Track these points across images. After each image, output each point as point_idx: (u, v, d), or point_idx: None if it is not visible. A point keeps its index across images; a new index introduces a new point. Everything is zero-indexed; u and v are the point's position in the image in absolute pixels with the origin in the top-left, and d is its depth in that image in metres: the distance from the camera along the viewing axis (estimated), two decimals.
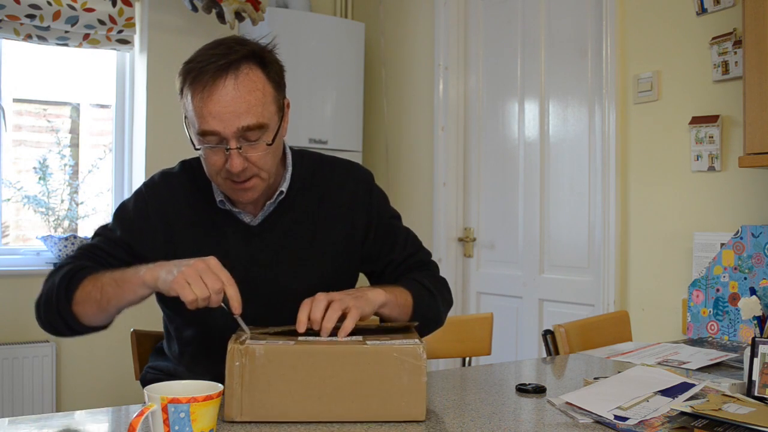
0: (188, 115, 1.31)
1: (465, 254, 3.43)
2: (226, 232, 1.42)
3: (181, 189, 1.45)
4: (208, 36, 3.59)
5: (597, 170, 2.75)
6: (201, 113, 1.27)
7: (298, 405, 1.11)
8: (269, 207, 1.43)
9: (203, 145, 1.30)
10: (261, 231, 1.43)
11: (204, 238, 1.41)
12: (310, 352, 1.12)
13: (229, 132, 1.27)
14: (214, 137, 1.28)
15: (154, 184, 1.47)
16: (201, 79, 1.27)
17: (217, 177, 1.34)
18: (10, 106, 3.42)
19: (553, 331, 1.89)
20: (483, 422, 1.14)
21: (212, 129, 1.27)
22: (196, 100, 1.27)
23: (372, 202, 1.52)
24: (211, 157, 1.31)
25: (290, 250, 1.43)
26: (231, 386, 1.10)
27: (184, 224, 1.42)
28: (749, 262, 2.05)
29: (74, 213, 3.53)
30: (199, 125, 1.27)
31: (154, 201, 1.43)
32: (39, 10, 3.18)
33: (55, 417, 1.24)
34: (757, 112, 1.91)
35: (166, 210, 1.42)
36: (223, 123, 1.26)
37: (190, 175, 1.46)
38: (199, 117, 1.27)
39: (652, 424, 1.10)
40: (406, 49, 3.71)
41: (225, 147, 1.28)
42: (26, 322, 3.23)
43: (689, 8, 2.39)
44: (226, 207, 1.41)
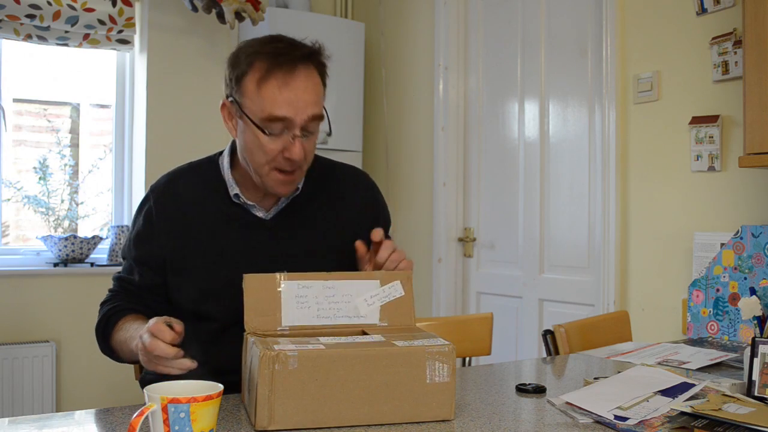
0: (250, 100, 1.34)
1: (465, 254, 3.43)
2: (240, 225, 1.46)
3: (189, 186, 1.49)
4: (208, 36, 3.64)
5: (597, 170, 2.75)
6: (274, 99, 1.32)
7: (331, 410, 1.09)
8: (283, 202, 1.48)
9: (266, 132, 1.34)
10: (273, 225, 1.47)
11: (217, 232, 1.45)
12: (344, 356, 1.09)
13: (299, 119, 1.33)
14: (279, 124, 1.33)
15: (158, 188, 1.52)
16: (279, 66, 1.33)
17: (266, 166, 1.37)
18: (10, 106, 3.42)
19: (553, 331, 1.89)
20: (483, 422, 1.14)
21: (284, 115, 1.32)
22: (269, 86, 1.32)
23: (378, 209, 1.61)
24: (268, 145, 1.35)
25: (301, 246, 1.48)
26: (263, 394, 1.06)
27: (194, 220, 1.46)
28: (749, 262, 2.05)
29: (74, 213, 3.53)
30: (270, 110, 1.32)
31: (158, 204, 1.48)
32: (39, 10, 3.18)
33: (55, 417, 1.24)
34: (757, 112, 1.91)
35: (173, 210, 1.47)
36: (295, 110, 1.33)
37: (198, 172, 1.52)
38: (272, 103, 1.32)
39: (652, 424, 1.10)
40: (406, 49, 3.71)
41: (291, 135, 1.34)
42: (26, 322, 3.23)
43: (689, 8, 2.39)
44: (241, 201, 1.46)
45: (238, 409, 1.20)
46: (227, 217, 1.46)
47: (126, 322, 1.43)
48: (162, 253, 1.46)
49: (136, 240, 1.50)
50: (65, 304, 3.30)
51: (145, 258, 1.48)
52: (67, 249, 3.29)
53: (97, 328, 1.49)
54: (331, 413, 1.09)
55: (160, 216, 1.47)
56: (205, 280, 1.44)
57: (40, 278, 3.28)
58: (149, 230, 1.47)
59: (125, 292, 1.51)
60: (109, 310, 1.47)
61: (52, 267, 3.30)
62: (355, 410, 1.09)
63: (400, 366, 1.11)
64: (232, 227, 1.46)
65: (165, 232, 1.46)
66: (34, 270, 3.29)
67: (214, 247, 1.44)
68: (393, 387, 1.11)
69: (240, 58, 1.37)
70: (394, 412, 1.11)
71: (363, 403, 1.10)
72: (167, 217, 1.47)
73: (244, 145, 1.40)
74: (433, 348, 1.13)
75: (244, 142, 1.40)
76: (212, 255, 1.44)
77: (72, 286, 3.32)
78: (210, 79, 3.61)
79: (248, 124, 1.36)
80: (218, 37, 3.65)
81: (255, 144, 1.37)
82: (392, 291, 1.31)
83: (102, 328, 1.47)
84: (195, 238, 1.45)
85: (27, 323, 3.23)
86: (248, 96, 1.35)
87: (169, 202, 1.48)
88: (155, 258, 1.47)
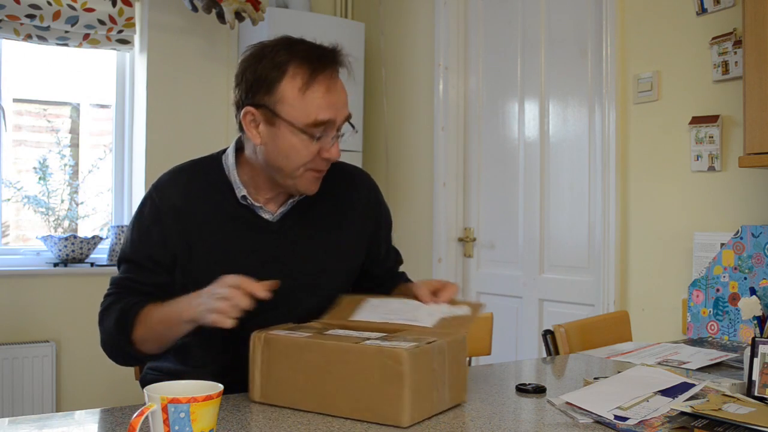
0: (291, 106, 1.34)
1: (465, 254, 3.43)
2: (245, 226, 1.44)
3: (194, 184, 1.47)
4: (208, 36, 3.64)
5: (597, 170, 2.75)
6: (320, 104, 1.34)
7: (303, 395, 1.18)
8: (290, 205, 1.47)
9: (312, 137, 1.35)
10: (279, 228, 1.46)
11: (221, 232, 1.43)
12: (309, 346, 1.18)
13: (339, 120, 1.38)
14: (321, 128, 1.35)
15: (163, 184, 1.48)
16: (321, 70, 1.35)
17: (301, 168, 1.38)
18: (10, 106, 3.42)
19: (553, 331, 1.89)
20: (483, 422, 1.14)
21: (329, 118, 1.35)
22: (314, 91, 1.34)
23: (381, 211, 1.61)
24: (309, 148, 1.36)
25: (306, 249, 1.47)
26: (252, 370, 1.23)
27: (199, 219, 1.43)
28: (749, 262, 2.05)
29: (74, 213, 3.53)
30: (316, 116, 1.34)
31: (165, 201, 1.45)
32: (39, 10, 3.18)
33: (55, 417, 1.24)
34: (757, 112, 1.91)
35: (179, 206, 1.44)
36: (337, 112, 1.37)
37: (202, 170, 1.49)
38: (317, 108, 1.34)
39: (652, 424, 1.10)
40: (406, 49, 3.71)
41: (331, 136, 1.37)
42: (26, 322, 3.23)
43: (689, 8, 2.39)
44: (248, 202, 1.44)
45: (238, 409, 1.20)
46: (233, 219, 1.44)
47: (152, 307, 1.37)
48: (173, 250, 1.42)
49: (144, 238, 1.44)
50: (65, 304, 3.30)
51: (153, 257, 1.43)
52: (67, 249, 3.29)
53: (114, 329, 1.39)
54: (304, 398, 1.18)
55: (167, 213, 1.43)
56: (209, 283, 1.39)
57: (40, 278, 3.28)
58: (158, 227, 1.43)
59: (130, 293, 1.44)
60: (124, 306, 1.39)
61: (52, 267, 3.30)
62: (322, 399, 1.16)
63: (354, 363, 1.14)
64: (237, 229, 1.44)
65: (174, 230, 1.42)
66: (34, 270, 3.29)
67: (220, 249, 1.42)
68: (350, 383, 1.14)
69: (266, 65, 1.35)
70: (352, 408, 1.14)
71: (327, 394, 1.16)
72: (174, 214, 1.43)
73: (277, 152, 1.37)
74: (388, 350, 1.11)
75: (278, 147, 1.37)
76: (217, 256, 1.42)
77: (72, 286, 3.32)
78: (210, 79, 3.61)
79: (286, 130, 1.35)
80: (218, 37, 3.65)
81: (293, 149, 1.36)
82: (458, 310, 1.38)
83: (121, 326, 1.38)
84: (200, 238, 1.42)
85: (27, 323, 3.23)
86: (289, 102, 1.34)
87: (174, 199, 1.44)
88: (167, 254, 1.43)
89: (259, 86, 1.36)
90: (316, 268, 1.47)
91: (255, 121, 1.38)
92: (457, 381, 1.22)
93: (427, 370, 1.14)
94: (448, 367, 1.19)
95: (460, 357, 1.24)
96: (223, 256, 1.42)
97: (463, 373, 1.25)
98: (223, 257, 1.42)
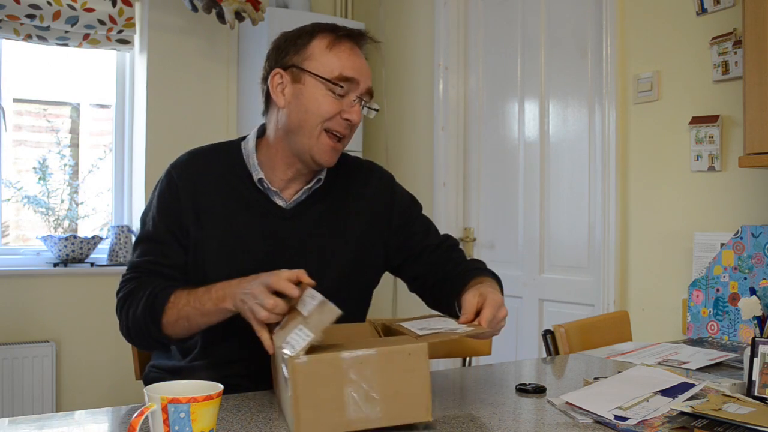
0: (318, 61, 1.40)
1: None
2: (259, 212, 1.45)
3: (211, 166, 1.48)
4: (208, 36, 3.64)
5: (597, 170, 2.75)
6: (346, 60, 1.41)
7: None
8: (304, 192, 1.48)
9: (339, 85, 1.39)
10: (293, 215, 1.47)
11: (235, 216, 1.44)
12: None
13: (363, 85, 1.43)
14: (346, 85, 1.40)
15: (181, 164, 1.49)
16: (347, 37, 1.43)
17: (318, 126, 1.41)
18: (10, 106, 3.42)
19: (553, 331, 1.89)
20: (483, 422, 1.14)
21: (353, 76, 1.40)
22: (340, 49, 1.41)
23: (395, 201, 1.60)
24: (329, 103, 1.40)
25: (318, 238, 1.48)
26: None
27: (214, 201, 1.44)
28: (749, 262, 2.05)
29: (74, 213, 3.53)
30: (341, 70, 1.40)
31: (182, 180, 1.45)
32: (39, 10, 3.18)
33: (55, 417, 1.24)
34: (757, 112, 1.91)
35: (196, 187, 1.44)
36: (361, 74, 1.42)
37: (220, 153, 1.50)
38: (343, 63, 1.40)
39: (652, 424, 1.10)
40: (406, 49, 3.71)
41: (354, 97, 1.41)
42: (26, 322, 3.23)
43: (689, 8, 2.39)
44: (264, 186, 1.45)
45: (239, 409, 1.20)
46: (247, 203, 1.45)
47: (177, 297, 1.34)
48: (188, 227, 1.42)
49: (163, 216, 1.43)
50: (65, 304, 3.30)
51: (174, 234, 1.42)
52: (67, 249, 3.29)
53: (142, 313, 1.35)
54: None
55: (184, 191, 1.44)
56: (220, 266, 1.41)
57: (40, 278, 3.28)
58: (176, 204, 1.43)
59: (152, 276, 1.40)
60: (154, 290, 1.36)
61: (52, 267, 3.30)
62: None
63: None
64: (251, 214, 1.44)
65: (190, 209, 1.43)
66: (34, 270, 3.29)
67: (232, 233, 1.42)
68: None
69: (294, 35, 1.44)
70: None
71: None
72: (190, 193, 1.43)
73: (300, 107, 1.41)
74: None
75: (301, 103, 1.41)
76: (229, 240, 1.42)
77: (72, 286, 3.32)
78: (210, 79, 3.61)
79: (312, 84, 1.40)
80: (218, 37, 3.65)
81: (316, 103, 1.40)
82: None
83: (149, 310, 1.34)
84: (214, 221, 1.43)
85: (27, 323, 3.23)
86: (316, 58, 1.41)
87: (191, 180, 1.45)
88: (182, 233, 1.42)
89: (289, 49, 1.43)
90: (326, 256, 1.48)
91: (282, 84, 1.43)
92: (400, 396, 1.06)
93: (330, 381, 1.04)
94: (379, 378, 1.06)
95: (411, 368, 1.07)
96: (234, 240, 1.43)
97: (419, 388, 1.07)
98: (234, 240, 1.43)
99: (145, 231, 1.46)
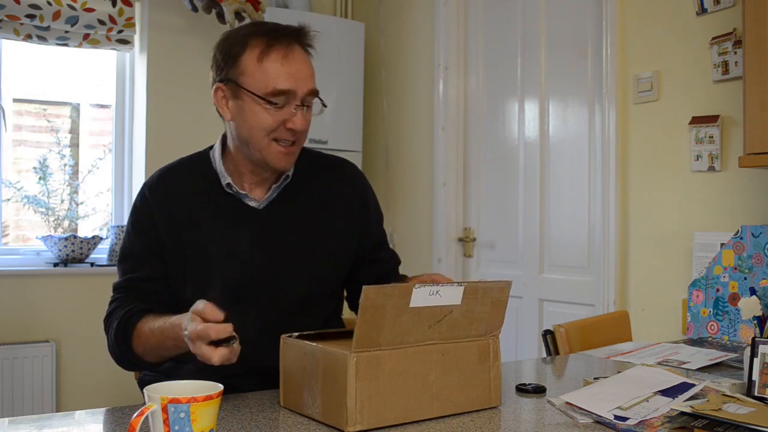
0: (251, 77, 1.38)
1: (465, 254, 3.43)
2: (232, 215, 1.47)
3: (182, 179, 1.51)
4: (208, 36, 3.63)
5: (597, 170, 2.75)
6: (277, 73, 1.37)
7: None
8: (274, 191, 1.49)
9: (271, 103, 1.38)
10: (266, 215, 1.48)
11: (210, 222, 1.46)
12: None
13: (301, 92, 1.39)
14: (282, 97, 1.38)
15: (152, 183, 1.53)
16: (278, 41, 1.39)
17: (265, 139, 1.40)
18: (10, 106, 3.42)
19: (553, 331, 1.89)
20: (483, 422, 1.14)
21: (287, 88, 1.38)
22: (270, 60, 1.38)
23: (369, 201, 1.61)
24: (269, 118, 1.39)
25: (292, 236, 1.49)
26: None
27: (189, 211, 1.47)
28: (749, 262, 2.05)
29: (74, 213, 3.53)
30: (274, 84, 1.37)
31: (154, 197, 1.49)
32: (39, 10, 3.18)
33: (55, 417, 1.24)
34: (757, 112, 1.91)
35: (168, 201, 1.48)
36: (297, 83, 1.39)
37: (190, 165, 1.53)
38: (275, 76, 1.37)
39: (652, 424, 1.10)
40: (406, 49, 3.71)
41: (293, 106, 1.39)
42: (26, 322, 3.23)
43: (689, 8, 2.39)
44: (233, 190, 1.46)
45: (238, 409, 1.20)
46: (220, 208, 1.47)
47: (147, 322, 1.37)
48: (164, 243, 1.46)
49: (138, 231, 1.49)
50: (65, 304, 3.30)
51: (151, 247, 1.46)
52: (67, 249, 3.29)
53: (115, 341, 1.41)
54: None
55: (157, 207, 1.47)
56: (201, 273, 1.44)
57: (40, 278, 3.28)
58: (150, 221, 1.47)
59: (132, 294, 1.47)
60: (123, 316, 1.41)
61: (52, 267, 3.30)
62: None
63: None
64: (225, 217, 1.47)
65: (164, 223, 1.46)
66: (34, 270, 3.29)
67: (210, 240, 1.45)
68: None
69: (231, 42, 1.42)
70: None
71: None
72: (164, 209, 1.47)
73: (244, 123, 1.41)
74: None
75: (244, 119, 1.41)
76: (207, 247, 1.45)
77: (72, 286, 3.32)
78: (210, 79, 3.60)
79: (249, 100, 1.39)
80: (218, 37, 3.64)
81: (256, 118, 1.39)
82: None
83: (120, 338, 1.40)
84: (189, 230, 1.45)
85: (27, 323, 3.23)
86: (248, 73, 1.39)
87: (164, 195, 1.49)
88: (159, 247, 1.46)
89: (225, 62, 1.42)
90: (303, 254, 1.49)
91: (225, 97, 1.43)
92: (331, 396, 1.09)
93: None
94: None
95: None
96: (212, 246, 1.45)
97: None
98: (213, 247, 1.45)
99: (122, 250, 1.51)
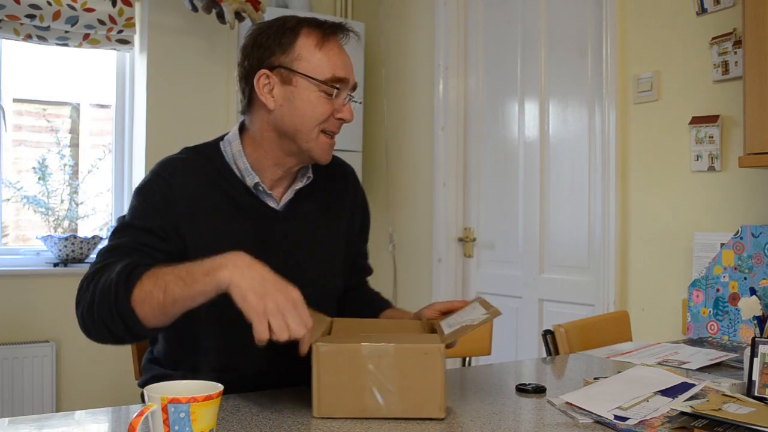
0: (308, 62, 1.37)
1: (465, 254, 3.43)
2: (254, 215, 1.42)
3: (199, 170, 1.41)
4: (208, 36, 3.64)
5: (597, 170, 2.75)
6: (336, 61, 1.38)
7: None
8: (292, 192, 1.47)
9: (328, 91, 1.37)
10: (287, 217, 1.46)
11: (229, 221, 1.39)
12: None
13: (351, 82, 1.41)
14: (338, 85, 1.38)
15: (171, 164, 1.41)
16: (332, 33, 1.40)
17: (315, 129, 1.39)
18: (10, 106, 3.42)
19: (553, 331, 1.89)
20: (483, 422, 1.14)
21: (344, 76, 1.39)
22: (329, 48, 1.38)
23: (366, 203, 1.63)
24: (324, 105, 1.38)
25: (309, 237, 1.48)
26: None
27: (206, 205, 1.38)
28: (749, 262, 2.05)
29: (74, 213, 3.53)
30: (334, 71, 1.38)
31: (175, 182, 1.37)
32: (39, 10, 3.18)
33: (55, 417, 1.24)
34: (757, 112, 1.91)
35: (189, 189, 1.38)
36: (350, 74, 1.41)
37: (204, 158, 1.43)
38: (334, 64, 1.38)
39: (652, 424, 1.10)
40: (406, 49, 3.71)
41: (345, 96, 1.40)
42: (26, 322, 3.23)
43: (689, 8, 2.39)
44: (261, 189, 1.42)
45: (239, 409, 1.20)
46: (242, 208, 1.41)
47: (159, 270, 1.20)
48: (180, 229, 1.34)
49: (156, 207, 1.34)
50: (65, 304, 3.27)
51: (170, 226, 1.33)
52: (67, 249, 3.29)
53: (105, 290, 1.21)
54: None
55: (179, 189, 1.36)
56: None
57: (40, 278, 3.28)
58: (170, 201, 1.35)
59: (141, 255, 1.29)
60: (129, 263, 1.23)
61: (52, 267, 3.30)
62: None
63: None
64: (245, 218, 1.41)
65: (186, 209, 1.36)
66: (34, 270, 3.29)
67: (227, 238, 1.35)
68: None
69: (276, 30, 1.40)
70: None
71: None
72: (185, 194, 1.37)
73: (294, 111, 1.37)
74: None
75: (294, 107, 1.37)
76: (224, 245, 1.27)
77: (72, 286, 3.24)
78: (210, 79, 3.60)
79: (304, 86, 1.36)
80: (218, 37, 3.65)
81: (311, 105, 1.37)
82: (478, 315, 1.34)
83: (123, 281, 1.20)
84: (208, 225, 1.37)
85: (27, 323, 3.23)
86: (305, 58, 1.37)
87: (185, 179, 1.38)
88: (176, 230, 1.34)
89: (273, 48, 1.38)
90: (318, 254, 1.49)
91: (269, 85, 1.38)
92: (414, 391, 1.13)
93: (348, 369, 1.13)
94: (393, 373, 1.13)
95: (427, 366, 1.13)
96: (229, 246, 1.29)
97: (433, 385, 1.13)
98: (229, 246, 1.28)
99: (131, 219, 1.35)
